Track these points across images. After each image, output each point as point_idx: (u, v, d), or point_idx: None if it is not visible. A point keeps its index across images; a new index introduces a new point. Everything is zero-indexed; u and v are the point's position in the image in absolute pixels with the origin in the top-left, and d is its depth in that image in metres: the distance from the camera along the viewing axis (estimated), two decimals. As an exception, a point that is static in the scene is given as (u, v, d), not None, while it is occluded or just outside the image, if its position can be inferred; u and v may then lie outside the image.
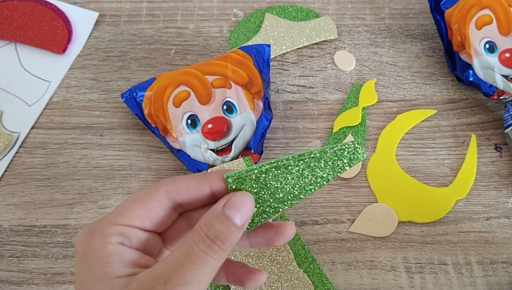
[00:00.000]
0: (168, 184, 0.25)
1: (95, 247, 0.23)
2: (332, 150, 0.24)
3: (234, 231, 0.23)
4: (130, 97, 0.42)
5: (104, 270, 0.23)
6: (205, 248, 0.22)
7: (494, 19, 0.43)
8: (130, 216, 0.24)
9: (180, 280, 0.21)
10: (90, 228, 0.24)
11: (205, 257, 0.22)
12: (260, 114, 0.41)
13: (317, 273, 0.34)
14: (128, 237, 0.24)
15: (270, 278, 0.34)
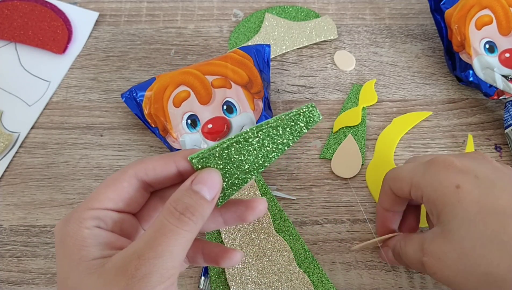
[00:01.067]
0: (135, 166, 0.26)
1: (71, 233, 0.24)
2: (288, 116, 0.25)
3: (203, 203, 0.24)
4: (130, 97, 0.42)
5: (81, 253, 0.23)
6: (174, 221, 0.23)
7: (494, 19, 0.43)
8: (102, 199, 0.25)
9: (153, 253, 0.22)
10: (67, 217, 0.25)
11: (175, 229, 0.23)
12: (260, 114, 0.41)
13: (317, 273, 0.34)
14: (103, 219, 0.25)
15: (270, 278, 0.34)
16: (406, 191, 0.31)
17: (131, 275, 0.22)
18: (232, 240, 0.35)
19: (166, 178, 0.26)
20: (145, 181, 0.26)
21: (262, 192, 0.37)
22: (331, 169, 0.42)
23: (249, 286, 0.33)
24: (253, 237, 0.35)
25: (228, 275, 0.34)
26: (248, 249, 0.34)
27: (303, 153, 0.44)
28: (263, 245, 0.35)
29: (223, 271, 0.34)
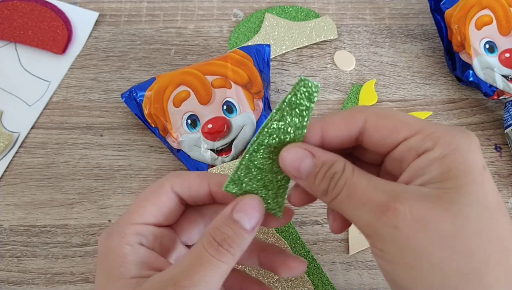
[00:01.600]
0: (172, 179, 0.26)
1: (114, 247, 0.24)
2: (287, 102, 0.23)
3: (242, 234, 0.23)
4: (130, 97, 0.42)
5: (120, 270, 0.24)
6: (213, 251, 0.23)
7: (494, 19, 0.43)
8: (143, 214, 0.25)
9: (189, 282, 0.22)
10: (110, 229, 0.25)
11: (213, 260, 0.22)
12: (260, 114, 0.41)
13: (317, 273, 0.34)
14: (144, 235, 0.25)
15: (270, 278, 0.34)
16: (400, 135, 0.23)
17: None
18: None
19: (198, 197, 0.26)
20: (180, 195, 0.26)
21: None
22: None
23: None
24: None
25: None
26: None
27: (303, 153, 0.44)
28: None
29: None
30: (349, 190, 0.22)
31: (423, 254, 0.21)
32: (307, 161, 0.23)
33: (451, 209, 0.21)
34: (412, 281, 0.21)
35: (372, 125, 0.24)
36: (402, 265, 0.21)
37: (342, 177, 0.23)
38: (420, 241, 0.21)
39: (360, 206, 0.22)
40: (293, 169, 0.24)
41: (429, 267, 0.21)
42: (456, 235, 0.21)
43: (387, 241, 0.21)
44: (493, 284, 0.21)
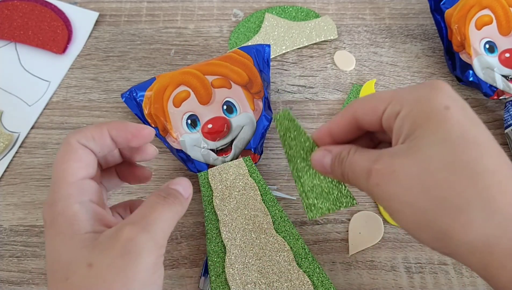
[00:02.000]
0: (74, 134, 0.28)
1: (61, 211, 0.25)
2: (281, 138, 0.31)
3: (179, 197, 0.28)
4: (130, 97, 0.42)
5: (73, 228, 0.25)
6: (161, 201, 0.27)
7: (494, 19, 0.43)
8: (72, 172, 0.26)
9: (145, 220, 0.25)
10: (50, 199, 0.26)
11: (162, 205, 0.26)
12: (260, 114, 0.41)
13: (317, 273, 0.34)
14: (87, 190, 0.27)
15: (270, 278, 0.34)
16: (380, 111, 0.27)
17: (126, 238, 0.24)
18: (232, 240, 0.35)
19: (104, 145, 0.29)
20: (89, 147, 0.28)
21: (262, 192, 0.37)
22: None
23: (249, 286, 0.33)
24: (253, 237, 0.35)
25: (228, 275, 0.34)
26: (248, 249, 0.34)
27: (303, 153, 0.44)
28: (263, 245, 0.35)
29: (223, 271, 0.34)
30: (351, 166, 0.28)
31: (400, 198, 0.25)
32: (327, 157, 0.30)
33: (416, 154, 0.24)
34: (400, 223, 0.26)
35: (360, 113, 0.28)
36: (391, 213, 0.26)
37: (347, 159, 0.28)
38: (396, 189, 0.25)
39: (358, 177, 0.27)
40: (320, 166, 0.30)
41: (406, 208, 0.25)
42: (422, 174, 0.24)
43: (377, 197, 0.26)
44: (465, 208, 0.23)
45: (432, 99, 0.25)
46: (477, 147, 0.24)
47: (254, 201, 0.36)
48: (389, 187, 0.25)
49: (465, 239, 0.23)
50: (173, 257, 0.39)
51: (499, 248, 0.23)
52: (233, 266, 0.34)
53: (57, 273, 0.25)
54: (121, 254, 0.24)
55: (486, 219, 0.23)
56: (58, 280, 0.25)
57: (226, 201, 0.36)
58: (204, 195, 0.37)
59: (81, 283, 0.24)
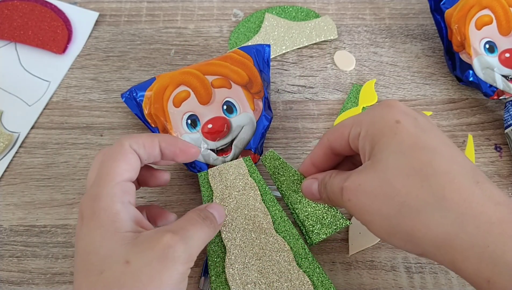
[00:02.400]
0: (128, 138, 0.30)
1: (105, 206, 0.27)
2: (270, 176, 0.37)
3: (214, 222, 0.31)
4: (130, 97, 0.42)
5: (115, 226, 0.26)
6: (200, 220, 0.29)
7: (494, 19, 0.43)
8: (120, 173, 0.28)
9: (184, 232, 0.27)
10: (93, 193, 0.28)
11: (202, 225, 0.29)
12: (260, 114, 0.41)
13: (317, 273, 0.34)
14: (129, 193, 0.28)
15: (270, 278, 0.34)
16: (346, 135, 0.31)
17: (166, 243, 0.26)
18: (232, 240, 0.35)
19: (152, 153, 0.31)
20: (137, 153, 0.30)
21: (262, 192, 0.37)
22: (331, 169, 0.42)
23: (249, 286, 0.33)
24: (253, 237, 0.35)
25: (228, 275, 0.34)
26: (248, 249, 0.34)
27: (303, 153, 0.44)
28: (263, 245, 0.35)
29: (223, 271, 0.34)
30: (331, 188, 0.31)
31: (369, 209, 0.27)
32: (314, 184, 0.33)
33: (376, 167, 0.28)
34: (374, 232, 0.28)
35: (331, 140, 0.32)
36: (365, 224, 0.28)
37: (328, 182, 0.31)
38: (364, 201, 0.28)
39: (336, 196, 0.30)
40: (310, 193, 0.34)
41: (375, 216, 0.27)
42: (383, 184, 0.27)
43: (352, 212, 0.29)
44: (422, 209, 0.25)
45: (385, 116, 0.29)
46: (428, 152, 0.27)
47: (254, 201, 0.36)
48: (358, 200, 0.28)
49: (428, 238, 0.25)
50: (173, 257, 0.39)
51: (459, 242, 0.25)
52: (233, 266, 0.34)
53: (92, 265, 0.26)
54: (159, 257, 0.25)
55: (442, 217, 0.25)
56: (92, 272, 0.26)
57: (226, 201, 0.36)
58: (204, 195, 0.37)
59: (116, 278, 0.25)
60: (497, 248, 0.24)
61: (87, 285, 0.26)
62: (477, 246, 0.24)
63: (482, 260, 0.24)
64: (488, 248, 0.24)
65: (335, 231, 0.35)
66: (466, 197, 0.25)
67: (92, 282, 0.25)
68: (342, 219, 0.35)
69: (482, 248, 0.24)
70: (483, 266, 0.24)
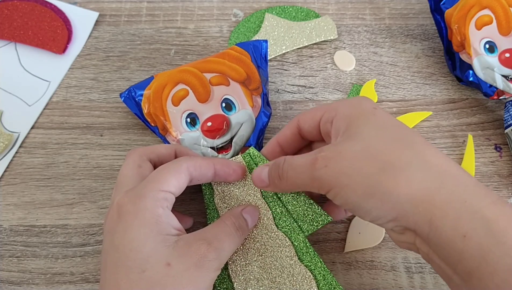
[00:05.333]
0: (188, 161, 0.32)
1: (148, 207, 0.28)
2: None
3: (246, 229, 0.33)
4: (128, 97, 0.42)
5: (158, 227, 0.28)
6: (233, 230, 0.31)
7: (494, 19, 0.43)
8: (168, 184, 0.30)
9: (218, 243, 0.29)
10: (138, 193, 0.29)
11: (234, 236, 0.31)
12: (259, 110, 0.41)
13: (319, 267, 0.34)
14: (169, 202, 0.30)
15: (273, 273, 0.34)
16: (317, 118, 0.33)
17: (203, 254, 0.28)
18: None
19: (205, 175, 0.33)
20: (192, 174, 0.32)
21: (263, 191, 0.37)
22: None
23: (252, 282, 0.33)
24: (254, 233, 0.35)
25: (231, 271, 0.34)
26: (250, 245, 0.34)
27: (303, 153, 0.44)
28: (265, 241, 0.35)
29: (226, 268, 0.34)
30: (291, 165, 0.31)
31: (349, 171, 0.28)
32: (264, 170, 0.33)
33: (356, 137, 0.29)
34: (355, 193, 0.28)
35: (301, 122, 0.34)
36: (340, 190, 0.28)
37: (284, 162, 0.31)
38: (344, 163, 0.28)
39: (301, 171, 0.30)
40: (259, 180, 0.33)
41: (357, 177, 0.27)
42: (365, 148, 0.28)
43: (324, 179, 0.29)
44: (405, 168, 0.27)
45: (362, 104, 0.31)
46: (406, 129, 0.29)
47: (254, 198, 0.36)
48: (337, 164, 0.28)
49: (408, 194, 0.26)
50: (173, 257, 0.39)
51: (439, 198, 0.26)
52: (236, 263, 0.34)
53: (134, 262, 0.27)
54: (196, 265, 0.27)
55: (425, 174, 0.27)
56: (133, 270, 0.27)
57: (227, 199, 0.36)
58: (205, 194, 0.37)
59: (158, 278, 0.26)
60: (474, 203, 0.25)
61: (127, 282, 0.27)
62: (456, 201, 0.26)
63: (460, 215, 0.25)
64: (466, 203, 0.25)
65: (317, 228, 0.34)
66: (445, 162, 0.27)
67: (133, 280, 0.27)
68: (324, 215, 0.34)
69: (460, 203, 0.25)
70: (461, 221, 0.25)
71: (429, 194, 0.26)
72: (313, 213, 0.35)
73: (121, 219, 0.28)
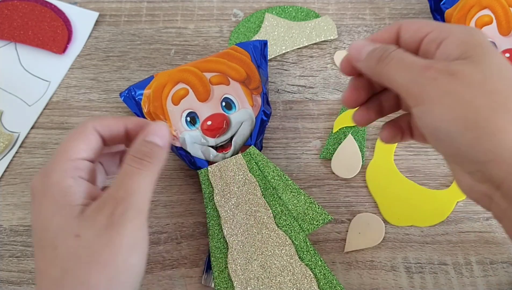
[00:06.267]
0: (93, 120, 0.29)
1: (56, 182, 0.27)
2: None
3: (157, 150, 0.28)
4: (128, 96, 0.42)
5: (66, 199, 0.26)
6: (137, 165, 0.27)
7: (494, 19, 0.43)
8: (77, 151, 0.28)
9: (124, 192, 0.26)
10: (46, 170, 0.28)
11: (139, 171, 0.27)
12: (259, 109, 0.41)
13: (319, 266, 0.34)
14: (82, 169, 0.28)
15: (273, 272, 0.34)
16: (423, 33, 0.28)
17: (110, 213, 0.26)
18: (234, 235, 0.35)
19: (117, 136, 0.30)
20: (102, 135, 0.30)
21: (262, 187, 0.37)
22: (331, 169, 0.42)
23: (252, 281, 0.33)
24: (254, 232, 0.35)
25: (231, 270, 0.34)
26: (250, 244, 0.35)
27: (303, 153, 0.44)
28: (265, 240, 0.35)
29: (226, 267, 0.34)
30: (400, 57, 0.27)
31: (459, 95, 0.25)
32: (368, 45, 0.29)
33: (477, 65, 0.25)
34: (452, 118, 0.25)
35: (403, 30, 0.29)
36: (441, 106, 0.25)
37: (396, 50, 0.28)
38: (455, 86, 0.25)
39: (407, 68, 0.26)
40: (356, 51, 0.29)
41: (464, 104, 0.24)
42: (484, 81, 0.25)
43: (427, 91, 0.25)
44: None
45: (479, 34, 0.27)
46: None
47: (254, 196, 0.36)
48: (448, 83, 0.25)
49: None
50: (173, 257, 0.39)
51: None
52: (236, 262, 0.34)
53: (46, 241, 0.26)
54: (106, 226, 0.25)
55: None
56: (47, 249, 0.26)
57: (227, 198, 0.36)
58: (205, 192, 0.37)
59: (70, 252, 0.25)
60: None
61: (44, 262, 0.26)
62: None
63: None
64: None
65: (318, 227, 0.34)
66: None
67: (49, 259, 0.26)
68: (324, 214, 0.34)
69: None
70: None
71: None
72: (313, 212, 0.34)
73: (34, 200, 0.27)
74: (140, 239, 0.27)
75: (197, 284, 0.38)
